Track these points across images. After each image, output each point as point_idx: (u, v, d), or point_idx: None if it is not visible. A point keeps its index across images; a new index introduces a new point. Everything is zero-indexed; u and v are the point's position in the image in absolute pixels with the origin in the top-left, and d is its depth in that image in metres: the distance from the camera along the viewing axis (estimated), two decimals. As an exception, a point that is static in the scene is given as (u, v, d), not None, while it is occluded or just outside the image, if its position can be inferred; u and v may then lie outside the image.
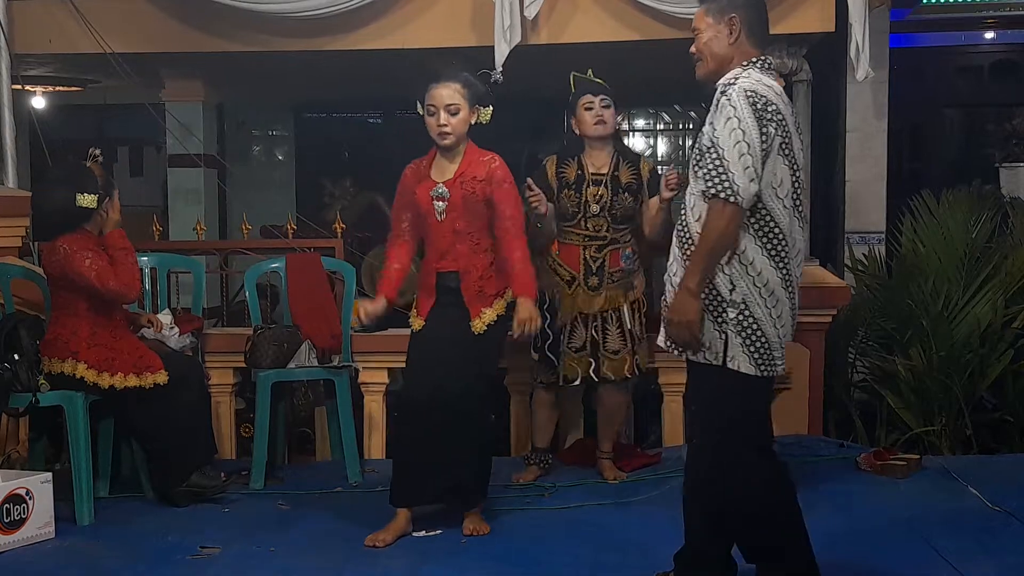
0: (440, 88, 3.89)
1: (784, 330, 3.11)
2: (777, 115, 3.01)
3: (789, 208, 3.09)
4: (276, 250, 5.66)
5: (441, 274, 3.97)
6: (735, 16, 3.13)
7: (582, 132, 4.59)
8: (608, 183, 4.58)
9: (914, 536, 3.88)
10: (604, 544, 3.88)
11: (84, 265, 4.14)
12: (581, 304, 4.60)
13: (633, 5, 5.54)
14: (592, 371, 4.62)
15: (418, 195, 3.96)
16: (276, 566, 3.72)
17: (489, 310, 3.94)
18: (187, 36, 5.94)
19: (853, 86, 6.24)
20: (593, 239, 4.58)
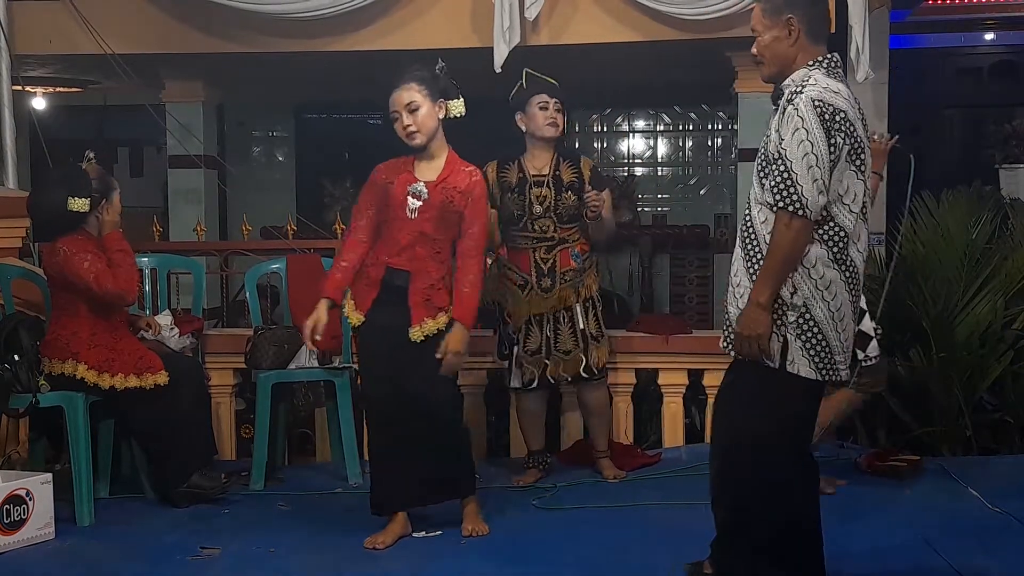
0: (397, 92, 3.83)
1: (846, 334, 3.09)
2: (845, 123, 2.97)
3: (856, 213, 3.05)
4: (276, 251, 5.66)
5: (391, 270, 3.86)
6: (792, 16, 3.08)
7: (532, 131, 4.54)
8: (550, 183, 4.54)
9: (914, 537, 3.88)
10: (604, 544, 3.88)
11: (82, 267, 4.13)
12: (534, 306, 4.58)
13: (633, 6, 5.55)
14: (549, 372, 4.59)
15: (394, 187, 3.86)
16: (276, 566, 3.72)
17: (431, 321, 3.82)
18: (187, 37, 5.95)
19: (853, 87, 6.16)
20: (541, 241, 4.56)
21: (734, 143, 7.52)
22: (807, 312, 3.02)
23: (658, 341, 5.21)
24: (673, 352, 5.23)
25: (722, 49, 6.12)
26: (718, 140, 9.16)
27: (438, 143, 3.91)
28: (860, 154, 3.02)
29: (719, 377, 5.23)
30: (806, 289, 3.02)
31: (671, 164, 9.22)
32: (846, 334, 3.07)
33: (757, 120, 6.29)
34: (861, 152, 3.02)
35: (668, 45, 5.77)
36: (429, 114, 3.85)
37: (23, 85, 6.36)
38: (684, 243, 8.66)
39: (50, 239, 4.30)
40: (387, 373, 3.85)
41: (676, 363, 5.27)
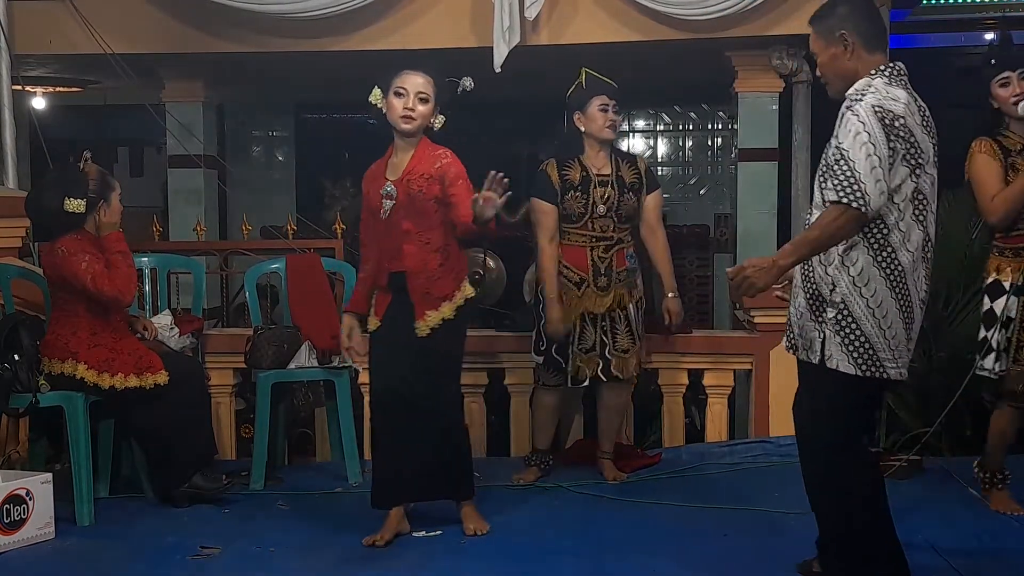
0: (413, 75, 3.84)
1: (893, 331, 3.09)
2: (904, 130, 3.02)
3: (904, 211, 3.08)
4: (276, 251, 5.66)
5: (392, 274, 3.89)
6: (844, 32, 3.14)
7: (592, 132, 4.57)
8: (614, 183, 4.59)
9: (914, 537, 3.88)
10: (604, 545, 3.88)
11: (80, 268, 4.13)
12: (589, 304, 4.60)
13: (633, 6, 5.55)
14: (600, 370, 4.63)
15: (370, 195, 3.90)
16: (276, 566, 3.72)
17: (434, 313, 3.84)
18: (187, 37, 5.95)
19: (853, 87, 6.24)
20: (600, 240, 4.59)
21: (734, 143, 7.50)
22: (845, 308, 3.07)
23: (658, 341, 5.21)
24: (673, 352, 5.24)
25: (722, 49, 6.12)
26: (718, 140, 9.15)
27: (417, 139, 3.90)
28: (917, 156, 3.06)
29: (719, 377, 5.31)
30: (844, 286, 3.07)
31: (671, 164, 9.22)
32: (893, 331, 3.09)
33: (757, 120, 6.32)
34: (919, 155, 3.07)
35: (668, 45, 5.77)
36: (429, 112, 3.86)
37: (23, 85, 6.36)
38: (684, 243, 8.65)
39: (49, 239, 4.30)
40: (393, 372, 3.87)
41: (676, 363, 5.28)
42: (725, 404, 5.32)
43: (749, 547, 3.84)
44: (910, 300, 3.11)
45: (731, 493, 4.50)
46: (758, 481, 4.72)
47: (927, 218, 3.12)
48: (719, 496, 4.45)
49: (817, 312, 3.11)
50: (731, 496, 4.44)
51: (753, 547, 3.84)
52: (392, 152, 3.95)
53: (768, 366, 5.18)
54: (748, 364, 5.27)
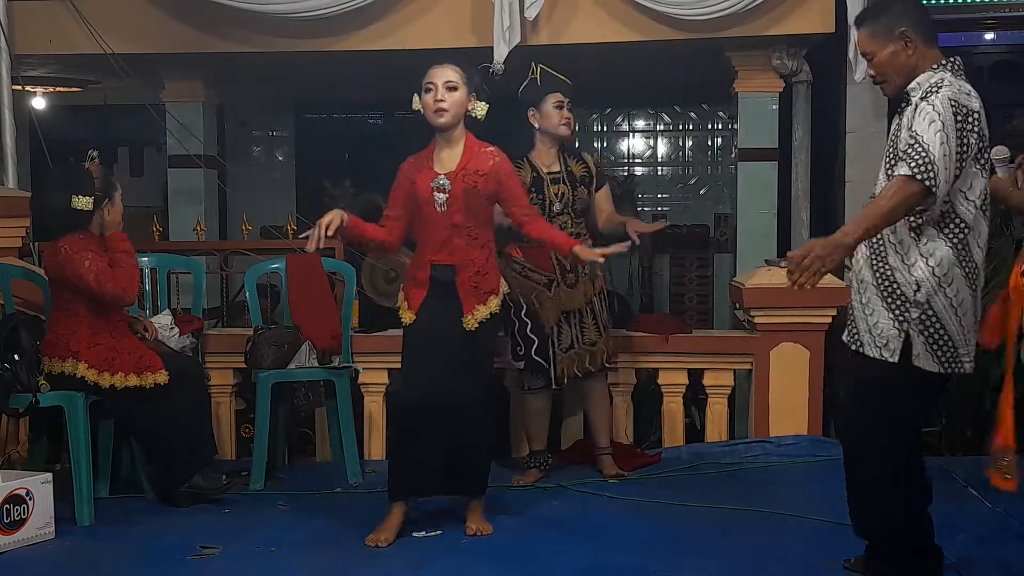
0: (440, 67, 3.87)
1: (967, 327, 3.16)
2: (978, 124, 3.06)
3: (977, 208, 3.13)
4: (276, 250, 5.66)
5: (436, 267, 3.89)
6: (906, 28, 3.15)
7: (547, 128, 4.57)
8: (565, 179, 4.60)
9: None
10: (605, 544, 3.88)
11: (83, 267, 4.13)
12: (564, 302, 4.60)
13: (633, 6, 5.55)
14: (576, 367, 4.64)
15: (418, 185, 3.89)
16: (276, 566, 3.72)
17: (483, 307, 3.88)
18: (187, 37, 5.95)
19: (853, 87, 6.23)
20: None
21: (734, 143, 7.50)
22: (929, 308, 3.11)
23: (658, 341, 5.22)
24: (673, 352, 5.24)
25: (722, 49, 6.12)
26: (718, 140, 9.15)
27: (459, 131, 3.91)
28: (985, 151, 3.11)
29: (719, 377, 5.31)
30: (929, 285, 3.11)
31: (671, 164, 9.22)
32: (967, 327, 3.15)
33: (757, 120, 6.32)
34: (985, 150, 3.11)
35: (668, 45, 5.77)
36: (461, 100, 3.86)
37: (23, 85, 6.36)
38: (684, 243, 8.65)
39: (52, 238, 4.31)
40: (429, 367, 3.86)
41: (676, 363, 5.28)
42: (725, 404, 5.32)
43: (749, 547, 3.84)
44: (977, 296, 3.18)
45: (731, 493, 4.50)
46: (758, 481, 4.73)
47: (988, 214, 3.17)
48: (719, 496, 4.45)
49: (899, 312, 3.14)
50: (731, 496, 4.44)
51: (752, 547, 3.84)
52: (435, 147, 3.94)
53: (768, 366, 5.18)
54: (748, 364, 5.27)
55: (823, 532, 3.99)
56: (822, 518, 4.12)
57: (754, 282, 5.23)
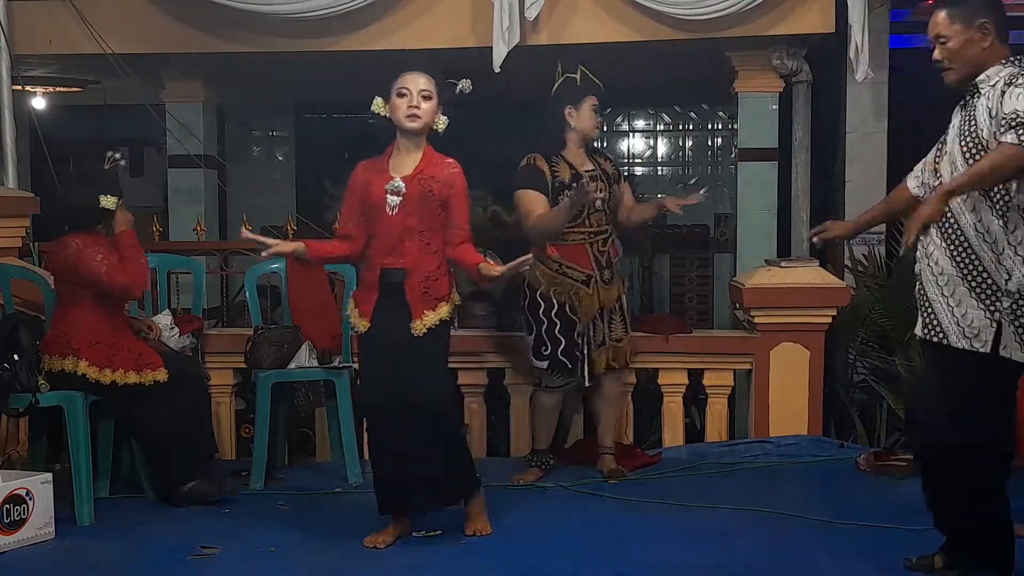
0: (415, 74, 3.86)
1: None
2: None
3: None
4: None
5: (386, 271, 3.85)
6: (986, 20, 3.17)
7: (580, 128, 4.60)
8: (601, 177, 4.63)
9: (912, 535, 3.88)
10: (605, 544, 3.88)
11: (95, 260, 4.19)
12: (602, 299, 4.63)
13: (633, 6, 5.55)
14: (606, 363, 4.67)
15: (372, 188, 3.87)
16: (276, 566, 3.72)
17: (432, 313, 3.82)
18: (187, 37, 5.95)
19: (853, 87, 6.24)
20: (597, 234, 4.63)
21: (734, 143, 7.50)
22: (1021, 299, 3.13)
23: (658, 341, 5.22)
24: (673, 352, 5.24)
25: (722, 49, 6.12)
26: (718, 140, 9.15)
27: (421, 139, 3.91)
28: None
29: (719, 377, 5.31)
30: (1020, 274, 3.12)
31: (671, 164, 9.22)
32: None
33: (757, 120, 6.32)
34: None
35: (668, 45, 5.77)
36: (433, 110, 3.87)
37: (23, 85, 6.36)
38: (684, 243, 8.65)
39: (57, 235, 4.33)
40: (387, 374, 3.84)
41: (676, 363, 5.28)
42: (725, 404, 5.32)
43: (748, 547, 3.84)
44: None
45: (731, 493, 4.50)
46: (758, 481, 4.73)
47: None
48: (719, 496, 4.45)
49: (990, 301, 3.16)
50: (731, 496, 4.45)
51: (752, 547, 3.84)
52: (393, 151, 3.94)
53: (768, 366, 5.18)
54: (748, 364, 5.27)
55: (823, 532, 3.99)
56: (822, 518, 4.12)
57: (754, 282, 5.23)
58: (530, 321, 4.67)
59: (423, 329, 3.82)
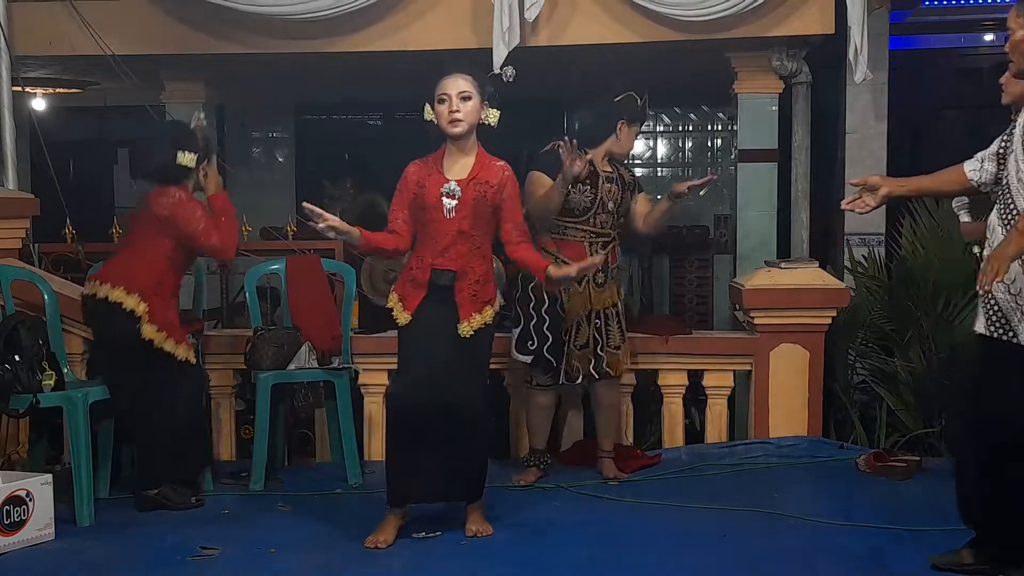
0: (453, 77, 3.88)
1: None
2: None
3: None
4: (276, 252, 5.66)
5: (437, 271, 3.89)
6: None
7: (622, 147, 4.73)
8: (618, 181, 4.66)
9: (912, 537, 3.89)
10: (605, 545, 3.88)
11: (195, 215, 4.32)
12: (592, 301, 4.63)
13: (633, 7, 5.55)
14: (593, 368, 4.65)
15: (427, 189, 3.89)
16: (276, 567, 3.72)
17: (478, 316, 3.89)
18: (187, 38, 5.95)
19: (852, 88, 6.24)
20: (599, 236, 4.63)
21: (734, 144, 7.50)
22: None
23: (658, 342, 5.22)
24: (673, 353, 5.24)
25: (722, 50, 6.12)
26: (718, 141, 9.15)
27: (472, 141, 3.94)
28: None
29: (719, 378, 5.31)
30: None
31: (671, 165, 9.22)
32: None
33: (757, 121, 6.32)
34: None
35: (668, 46, 5.77)
36: (475, 109, 3.89)
37: (23, 86, 6.36)
38: (684, 244, 8.65)
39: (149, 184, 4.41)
40: (426, 370, 3.86)
41: (676, 364, 5.28)
42: (725, 405, 5.32)
43: (748, 548, 3.84)
44: None
45: (731, 494, 4.51)
46: (758, 482, 4.73)
47: None
48: (719, 497, 4.45)
49: None
50: (731, 497, 4.45)
51: (752, 548, 3.84)
52: (445, 154, 3.96)
53: (768, 367, 5.18)
54: (748, 365, 5.27)
55: (824, 532, 4.00)
56: (822, 519, 4.12)
57: (754, 283, 5.23)
58: (519, 314, 4.69)
59: (470, 331, 3.87)
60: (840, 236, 6.60)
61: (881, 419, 5.50)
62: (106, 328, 4.36)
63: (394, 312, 3.97)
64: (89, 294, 4.35)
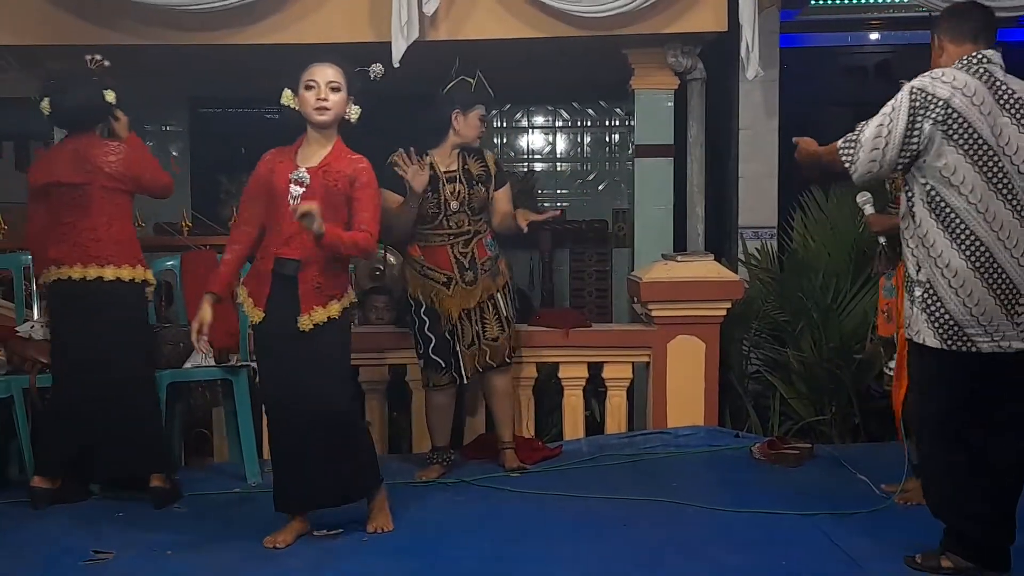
0: (322, 66, 3.83)
1: (980, 308, 3.27)
2: (943, 111, 3.24)
3: (973, 189, 3.27)
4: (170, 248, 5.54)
5: (280, 260, 3.79)
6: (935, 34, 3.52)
7: (463, 135, 4.63)
8: (461, 178, 4.63)
9: (805, 521, 4.00)
10: (507, 538, 3.90)
11: (148, 155, 4.32)
12: (463, 301, 4.63)
13: (531, 3, 5.57)
14: (477, 362, 4.67)
15: (276, 176, 3.83)
16: (172, 569, 3.65)
17: (321, 309, 3.78)
18: (75, 28, 5.76)
19: (745, 85, 6.37)
20: (458, 236, 4.63)
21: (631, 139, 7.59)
22: (931, 287, 3.33)
23: (558, 335, 5.26)
24: (573, 346, 5.29)
25: (619, 46, 6.19)
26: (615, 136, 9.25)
27: (331, 132, 3.89)
28: (968, 134, 3.25)
29: (618, 370, 5.38)
30: (927, 267, 3.32)
31: (570, 160, 9.28)
32: (981, 307, 3.27)
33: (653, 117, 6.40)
34: (970, 133, 3.25)
35: (566, 42, 5.81)
36: (342, 101, 3.85)
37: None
38: (583, 238, 8.73)
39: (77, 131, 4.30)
40: (283, 368, 3.80)
41: (576, 356, 5.33)
42: (624, 396, 5.40)
43: (649, 537, 3.91)
44: (994, 278, 3.27)
45: (631, 483, 4.57)
46: (657, 472, 4.81)
47: (1009, 190, 3.28)
48: (620, 487, 4.51)
49: (908, 290, 3.42)
50: (631, 486, 4.51)
51: (652, 537, 3.91)
52: (303, 143, 3.91)
53: (665, 358, 5.27)
54: (646, 356, 5.35)
55: (721, 519, 4.09)
56: (720, 506, 4.21)
57: (651, 276, 5.31)
58: (410, 320, 4.71)
59: (310, 325, 3.77)
60: (734, 229, 6.74)
61: (774, 408, 5.64)
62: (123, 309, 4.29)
63: (244, 308, 3.89)
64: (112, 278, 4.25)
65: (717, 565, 3.59)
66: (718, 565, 3.59)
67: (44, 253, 4.32)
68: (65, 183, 4.26)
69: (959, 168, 3.26)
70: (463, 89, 4.62)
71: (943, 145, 3.26)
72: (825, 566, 3.56)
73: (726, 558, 3.66)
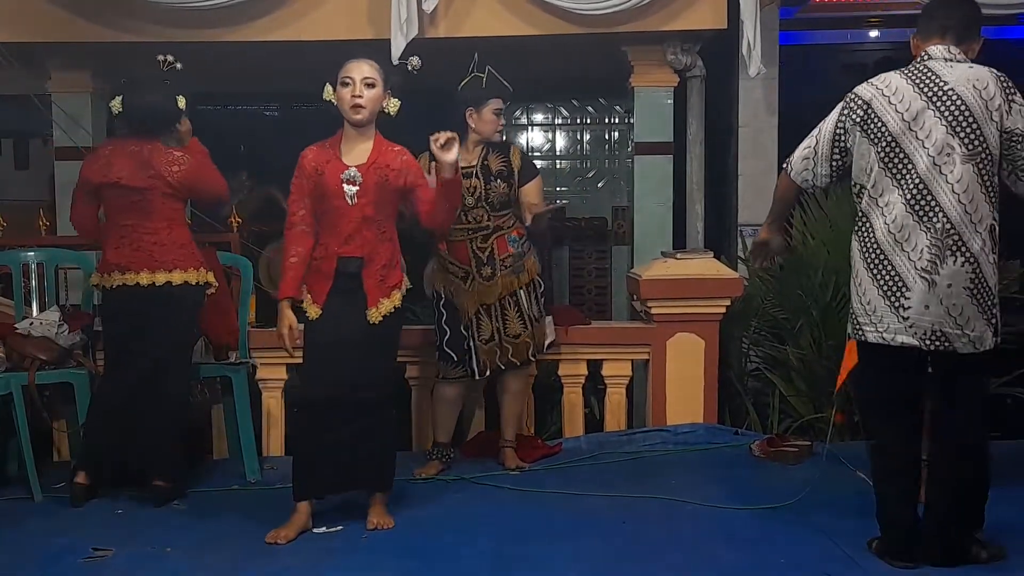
0: (358, 62, 3.87)
1: (868, 298, 3.42)
2: (861, 110, 3.43)
3: (876, 184, 3.40)
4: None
5: (343, 259, 3.87)
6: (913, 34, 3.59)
7: (482, 132, 4.62)
8: (479, 173, 4.62)
9: (803, 519, 4.00)
10: (506, 536, 3.90)
11: (211, 165, 4.39)
12: (481, 296, 4.63)
13: (531, 0, 5.58)
14: (498, 359, 4.67)
15: (326, 176, 3.87)
16: (172, 567, 3.65)
17: (387, 300, 3.89)
18: (75, 25, 5.77)
19: (745, 82, 6.37)
20: (477, 231, 4.63)
21: (630, 137, 7.60)
22: (859, 286, 3.48)
23: (558, 332, 5.26)
24: (573, 343, 5.29)
25: (618, 44, 6.19)
26: (615, 134, 9.25)
27: (371, 128, 3.93)
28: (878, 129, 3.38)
29: (617, 367, 5.38)
30: (861, 266, 3.47)
31: (570, 157, 9.28)
32: (867, 297, 3.42)
33: (652, 114, 6.41)
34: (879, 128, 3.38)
35: (565, 39, 5.82)
36: (378, 97, 3.88)
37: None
38: (583, 235, 8.74)
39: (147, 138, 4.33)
40: (336, 360, 3.84)
41: (575, 354, 5.34)
42: (623, 394, 5.40)
43: (647, 534, 3.91)
44: (885, 278, 3.37)
45: (630, 481, 4.57)
46: (656, 469, 4.81)
47: (913, 184, 3.32)
48: (618, 484, 4.52)
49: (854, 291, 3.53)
50: (630, 484, 4.51)
51: (651, 534, 3.91)
52: (342, 139, 3.93)
53: (665, 355, 5.27)
54: (645, 354, 5.35)
55: (720, 517, 4.09)
56: (719, 504, 4.21)
57: (650, 274, 5.31)
58: (432, 312, 4.74)
59: (379, 316, 3.86)
60: (733, 227, 6.74)
61: (774, 405, 5.64)
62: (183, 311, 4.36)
63: (304, 305, 3.94)
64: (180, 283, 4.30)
65: (716, 562, 3.59)
66: (717, 562, 3.59)
67: (103, 253, 4.40)
68: (125, 186, 4.28)
69: (873, 166, 3.40)
70: (475, 86, 4.62)
71: (863, 144, 3.42)
72: (824, 564, 3.56)
73: (725, 555, 3.66)
